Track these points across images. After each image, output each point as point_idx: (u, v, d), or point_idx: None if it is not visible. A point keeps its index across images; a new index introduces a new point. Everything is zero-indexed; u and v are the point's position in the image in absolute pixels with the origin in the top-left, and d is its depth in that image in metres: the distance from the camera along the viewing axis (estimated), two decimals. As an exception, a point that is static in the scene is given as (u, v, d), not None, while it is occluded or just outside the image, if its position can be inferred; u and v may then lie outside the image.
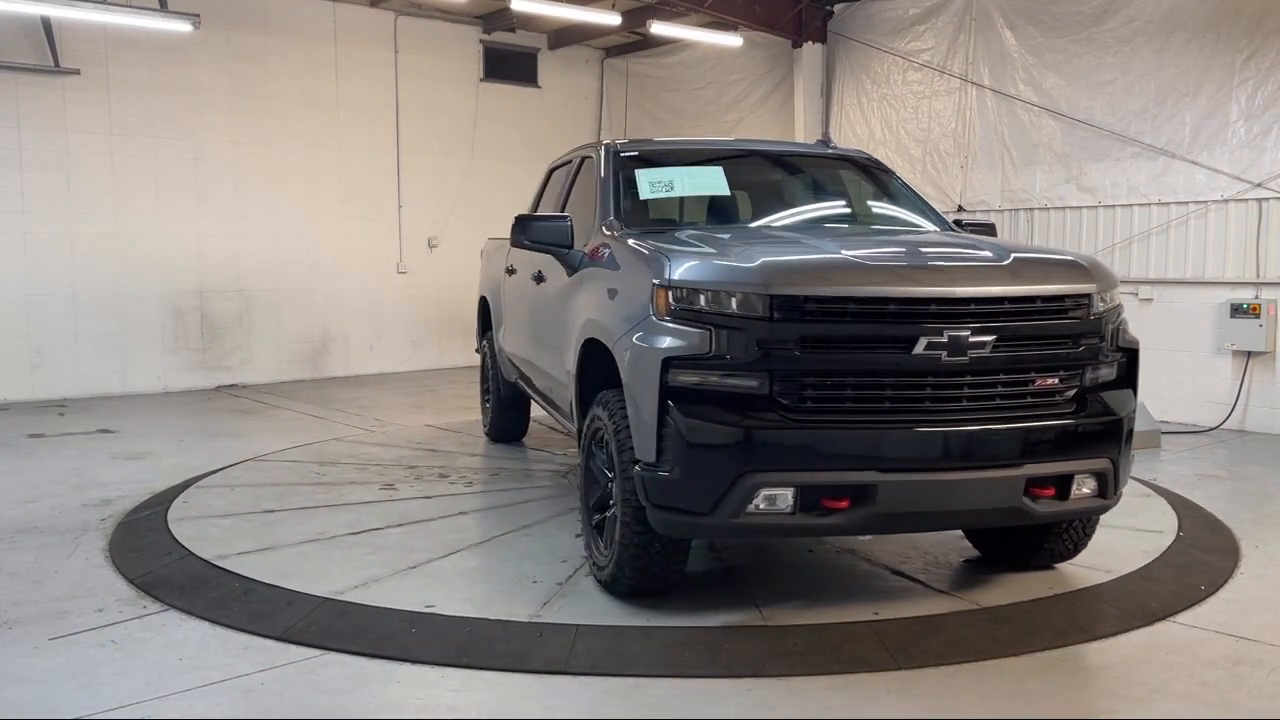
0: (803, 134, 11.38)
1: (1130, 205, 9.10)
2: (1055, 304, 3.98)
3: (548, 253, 5.25)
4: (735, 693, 3.58)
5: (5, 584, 4.67)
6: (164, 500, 6.04)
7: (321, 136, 11.87)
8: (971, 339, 3.77)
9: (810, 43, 11.40)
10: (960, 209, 9.99)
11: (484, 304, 8.08)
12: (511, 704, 3.52)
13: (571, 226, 5.03)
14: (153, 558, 5.00)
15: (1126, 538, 5.23)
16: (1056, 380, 3.99)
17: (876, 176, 5.87)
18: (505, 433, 7.86)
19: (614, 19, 11.02)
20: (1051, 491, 4.00)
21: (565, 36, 13.31)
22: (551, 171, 6.89)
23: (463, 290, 11.68)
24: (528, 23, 12.79)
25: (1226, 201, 8.51)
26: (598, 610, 4.23)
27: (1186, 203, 8.76)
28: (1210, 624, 4.19)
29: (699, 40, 11.91)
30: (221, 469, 6.93)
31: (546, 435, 8.05)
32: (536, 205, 6.88)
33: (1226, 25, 8.43)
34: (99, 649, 3.92)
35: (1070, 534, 4.62)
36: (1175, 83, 8.73)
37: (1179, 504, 5.95)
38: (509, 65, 13.39)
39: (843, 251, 4.17)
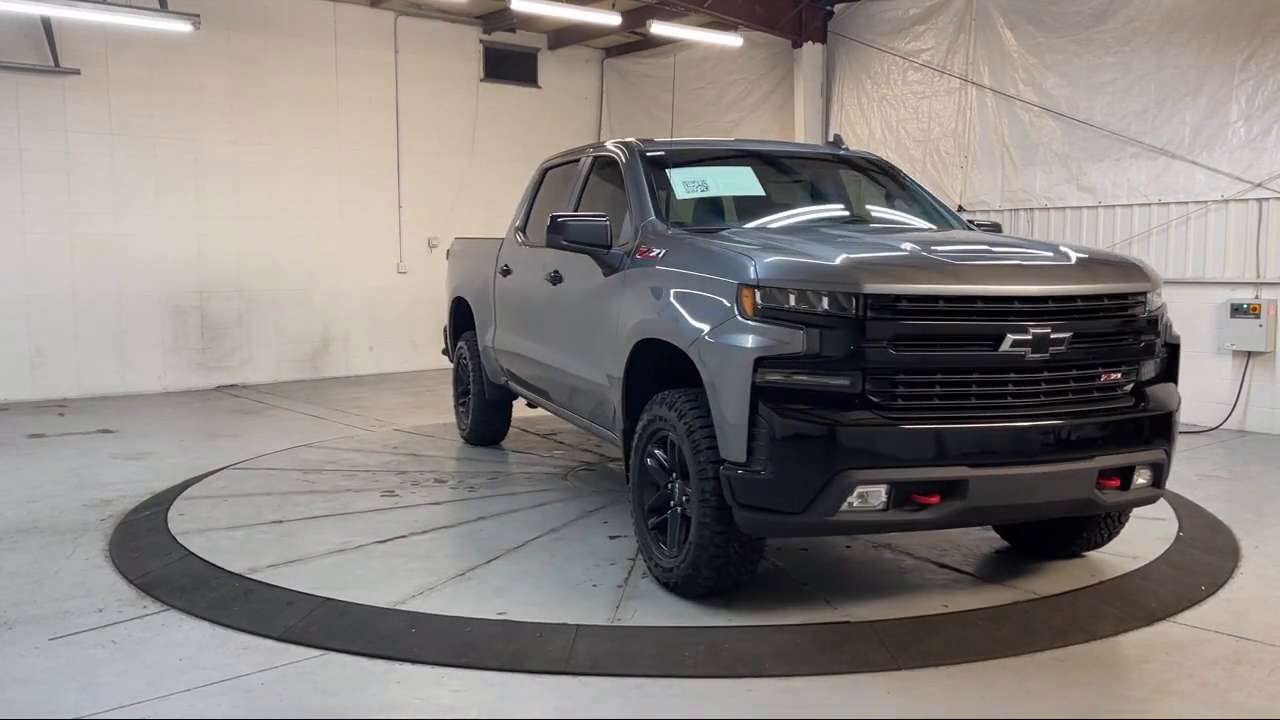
0: (803, 134, 11.38)
1: (1130, 205, 9.09)
2: (1119, 301, 4.18)
3: (584, 252, 5.13)
4: (735, 693, 3.58)
5: (5, 584, 4.67)
6: (164, 500, 6.03)
7: (321, 136, 11.87)
8: (1052, 335, 3.91)
9: (810, 43, 11.40)
10: (960, 209, 9.97)
11: (459, 305, 7.83)
12: (511, 704, 3.52)
13: (610, 226, 4.97)
14: (153, 558, 5.00)
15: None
16: (1119, 375, 4.19)
17: (895, 178, 5.96)
18: (486, 436, 7.67)
19: (614, 19, 11.02)
20: (1117, 482, 4.16)
21: (565, 37, 13.31)
22: (546, 171, 6.80)
23: (463, 290, 11.67)
24: (528, 23, 12.79)
25: (1226, 201, 8.51)
26: (676, 612, 4.20)
27: (1186, 203, 8.76)
28: (1210, 624, 4.20)
29: (699, 40, 11.91)
30: (206, 474, 6.89)
31: (524, 438, 7.95)
32: (531, 205, 6.79)
33: (1226, 25, 8.42)
34: (99, 649, 3.92)
35: (1107, 523, 4.76)
36: (1175, 83, 8.72)
37: (1179, 504, 5.94)
38: (509, 65, 13.39)
39: (917, 249, 4.26)
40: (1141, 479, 4.21)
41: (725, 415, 3.89)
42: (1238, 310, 8.33)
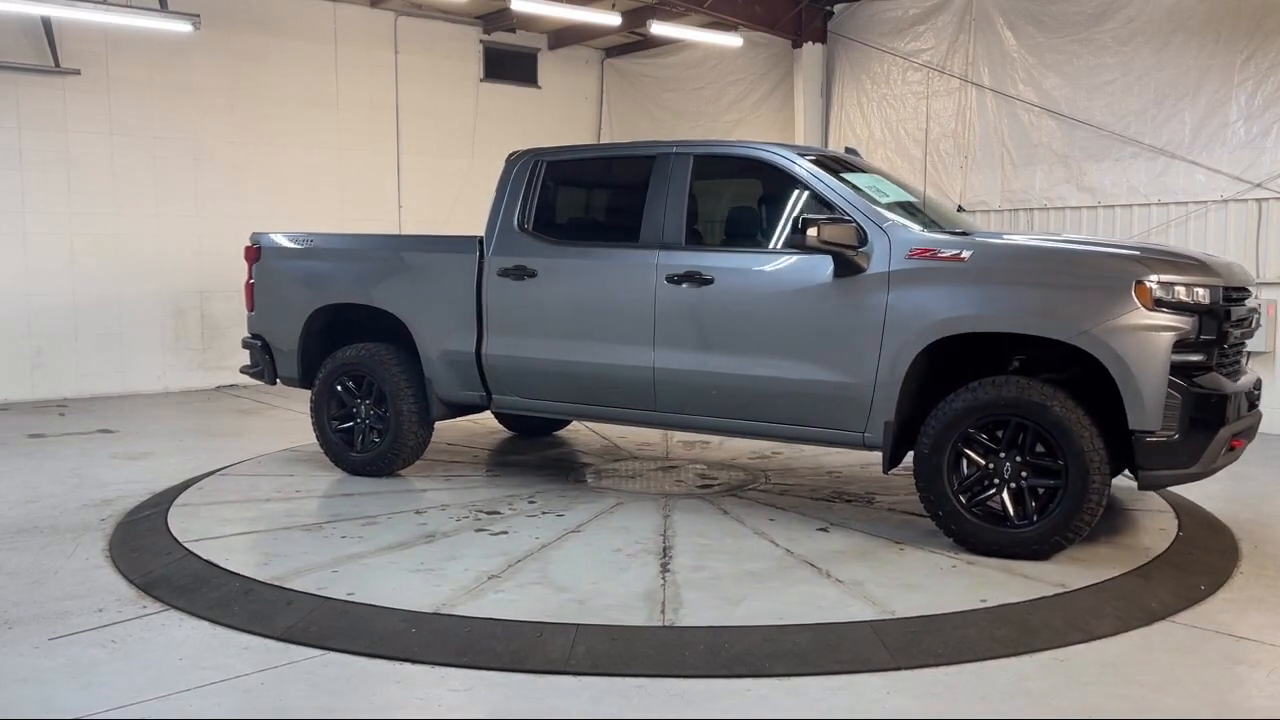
0: (803, 135, 11.38)
1: (1130, 205, 9.10)
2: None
3: (828, 253, 5.13)
4: (735, 693, 3.58)
5: (5, 584, 4.68)
6: (164, 500, 6.01)
7: (322, 136, 11.87)
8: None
9: (810, 43, 11.40)
10: (960, 209, 9.98)
11: (334, 315, 6.76)
12: (511, 704, 3.53)
13: (859, 228, 5.17)
14: (153, 557, 4.99)
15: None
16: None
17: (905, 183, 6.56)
18: (401, 464, 6.53)
19: (614, 19, 11.02)
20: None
21: (565, 37, 13.31)
22: (545, 164, 6.27)
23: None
24: (528, 23, 12.79)
25: (1226, 201, 8.51)
26: (1079, 572, 4.62)
27: (1186, 203, 8.76)
28: (1210, 624, 4.20)
29: (699, 40, 11.91)
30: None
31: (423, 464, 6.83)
32: (526, 204, 6.26)
33: (1226, 25, 8.43)
34: (99, 649, 3.92)
35: None
36: (1175, 83, 8.73)
37: (1179, 504, 5.95)
38: (509, 65, 13.39)
39: (1183, 251, 5.28)
40: None
41: (1144, 391, 4.57)
42: (1238, 310, 8.32)
